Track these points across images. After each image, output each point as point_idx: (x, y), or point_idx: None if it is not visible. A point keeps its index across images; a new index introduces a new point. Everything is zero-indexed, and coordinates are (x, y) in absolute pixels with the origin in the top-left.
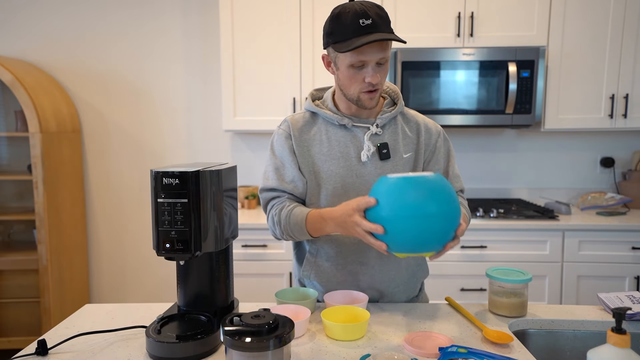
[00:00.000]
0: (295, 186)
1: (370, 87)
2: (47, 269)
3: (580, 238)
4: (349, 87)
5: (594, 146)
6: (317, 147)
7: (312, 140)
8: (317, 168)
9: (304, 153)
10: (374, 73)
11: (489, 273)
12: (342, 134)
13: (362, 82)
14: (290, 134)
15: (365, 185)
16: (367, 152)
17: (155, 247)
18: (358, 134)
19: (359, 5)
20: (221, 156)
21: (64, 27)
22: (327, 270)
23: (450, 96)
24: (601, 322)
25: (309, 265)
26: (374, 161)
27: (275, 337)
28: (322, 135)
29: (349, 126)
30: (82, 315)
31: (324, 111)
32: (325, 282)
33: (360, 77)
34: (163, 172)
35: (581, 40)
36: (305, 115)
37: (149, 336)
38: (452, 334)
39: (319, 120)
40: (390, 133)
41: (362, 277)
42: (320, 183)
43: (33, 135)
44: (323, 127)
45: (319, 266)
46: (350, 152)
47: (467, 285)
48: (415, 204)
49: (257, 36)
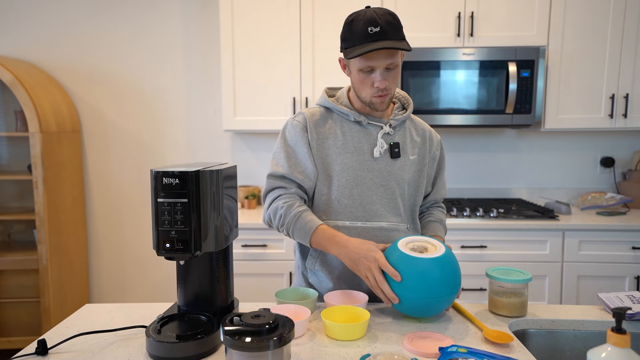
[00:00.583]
0: (306, 177)
1: (380, 92)
2: (47, 268)
3: (581, 238)
4: (361, 90)
5: (594, 146)
6: (331, 140)
7: (327, 134)
8: (331, 160)
9: (319, 145)
10: (382, 78)
11: (489, 273)
12: (357, 130)
13: (372, 86)
14: (307, 126)
15: (375, 180)
16: (380, 149)
17: (155, 247)
18: (372, 131)
19: (371, 12)
20: (221, 156)
21: (64, 27)
22: (332, 259)
23: (450, 96)
24: (601, 322)
25: (315, 254)
26: (385, 158)
27: (276, 337)
28: (337, 130)
29: (364, 123)
30: (82, 315)
31: (340, 107)
32: (328, 271)
33: (369, 81)
34: (163, 171)
35: (581, 40)
36: (321, 109)
37: (149, 336)
38: (452, 333)
39: (333, 116)
40: (401, 135)
41: None
42: (332, 174)
43: (33, 135)
44: (338, 122)
45: (324, 255)
46: (363, 147)
47: (467, 285)
48: (433, 288)
49: (257, 36)
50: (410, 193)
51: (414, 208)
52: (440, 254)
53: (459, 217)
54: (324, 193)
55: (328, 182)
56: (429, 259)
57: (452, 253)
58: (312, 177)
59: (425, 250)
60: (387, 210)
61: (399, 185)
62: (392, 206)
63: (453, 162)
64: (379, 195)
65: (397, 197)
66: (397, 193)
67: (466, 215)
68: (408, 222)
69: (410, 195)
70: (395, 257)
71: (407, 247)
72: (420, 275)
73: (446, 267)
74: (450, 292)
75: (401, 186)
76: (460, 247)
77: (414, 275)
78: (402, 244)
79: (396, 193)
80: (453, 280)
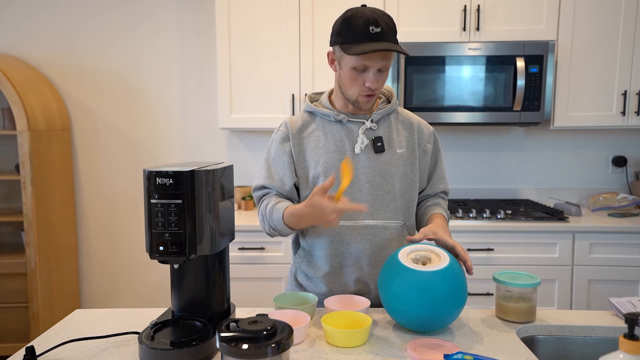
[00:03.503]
0: (283, 184)
1: (370, 91)
2: (35, 272)
3: (591, 240)
4: (349, 87)
5: (606, 145)
6: (314, 143)
7: (310, 137)
8: (314, 162)
9: (303, 150)
10: (375, 79)
11: (496, 277)
12: (338, 129)
13: (362, 85)
14: (289, 135)
15: (360, 177)
16: (361, 145)
17: (149, 250)
18: (353, 128)
19: (371, 12)
20: (217, 155)
21: (53, 20)
22: (317, 259)
23: (456, 93)
24: (613, 328)
25: (302, 253)
26: (368, 154)
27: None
28: (319, 132)
29: (345, 121)
30: (72, 320)
31: (321, 109)
32: (314, 271)
33: (361, 80)
34: (156, 171)
35: (592, 34)
36: (304, 115)
37: (141, 343)
38: (458, 340)
39: (316, 119)
40: (385, 128)
41: (350, 269)
42: (317, 176)
43: (21, 133)
44: (320, 124)
45: (311, 255)
46: (345, 145)
47: (473, 289)
48: (437, 302)
49: (255, 29)
50: (402, 188)
51: (409, 204)
52: (444, 266)
53: (465, 218)
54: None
55: (313, 183)
56: (431, 272)
57: (457, 263)
58: (288, 184)
59: (429, 261)
60: (374, 208)
61: (387, 180)
62: (380, 203)
63: (458, 161)
64: (364, 193)
65: (386, 193)
66: (386, 189)
67: (472, 216)
68: (402, 218)
69: (402, 190)
70: (395, 269)
71: (408, 258)
72: (422, 289)
73: (451, 279)
74: (455, 307)
75: (389, 181)
76: (466, 250)
77: (415, 289)
78: (403, 254)
79: (384, 189)
80: (458, 294)
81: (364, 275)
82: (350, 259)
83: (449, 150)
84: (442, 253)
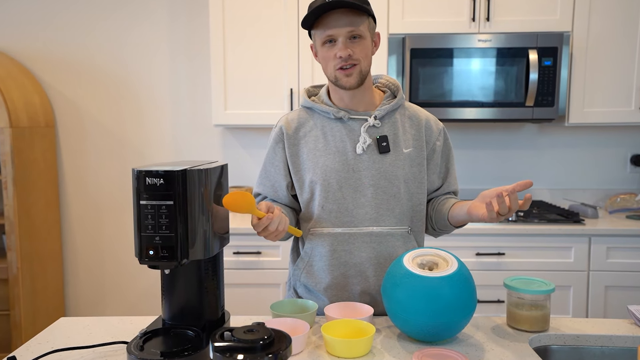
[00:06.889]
0: (275, 190)
1: (342, 61)
2: (17, 278)
3: (609, 244)
4: (326, 67)
5: (624, 142)
6: (312, 144)
7: (308, 137)
8: (312, 164)
9: (298, 152)
10: (343, 47)
11: (508, 283)
12: (339, 128)
13: (335, 58)
14: (283, 136)
15: (363, 180)
16: (363, 145)
17: (138, 255)
18: (355, 127)
19: None
20: (211, 154)
21: (36, 11)
22: (318, 271)
23: (465, 87)
24: (631, 338)
25: (301, 265)
26: (372, 155)
27: (271, 354)
28: (318, 131)
29: (346, 119)
30: (57, 329)
31: (319, 105)
32: (314, 283)
33: (332, 53)
34: (146, 171)
35: (610, 24)
36: (301, 112)
37: (130, 353)
38: (467, 350)
39: (315, 116)
40: (390, 126)
41: (354, 280)
42: (315, 179)
43: (2, 130)
44: (319, 122)
45: (311, 266)
46: (346, 146)
47: (483, 296)
48: (444, 310)
49: (250, 20)
50: (408, 191)
51: (417, 208)
52: (452, 271)
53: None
54: (308, 200)
55: (311, 188)
56: (438, 277)
57: (466, 268)
58: (281, 190)
59: (436, 266)
60: (378, 213)
61: (392, 183)
62: (385, 208)
63: (467, 160)
64: (368, 197)
65: (391, 197)
66: (391, 192)
67: None
68: (408, 224)
69: (409, 193)
70: (399, 275)
71: (413, 263)
72: (429, 296)
73: (459, 285)
74: (464, 315)
75: (395, 184)
76: (475, 255)
77: (421, 296)
78: (409, 258)
79: (390, 193)
80: (467, 301)
81: (369, 286)
82: (354, 269)
83: (457, 148)
84: (450, 258)
